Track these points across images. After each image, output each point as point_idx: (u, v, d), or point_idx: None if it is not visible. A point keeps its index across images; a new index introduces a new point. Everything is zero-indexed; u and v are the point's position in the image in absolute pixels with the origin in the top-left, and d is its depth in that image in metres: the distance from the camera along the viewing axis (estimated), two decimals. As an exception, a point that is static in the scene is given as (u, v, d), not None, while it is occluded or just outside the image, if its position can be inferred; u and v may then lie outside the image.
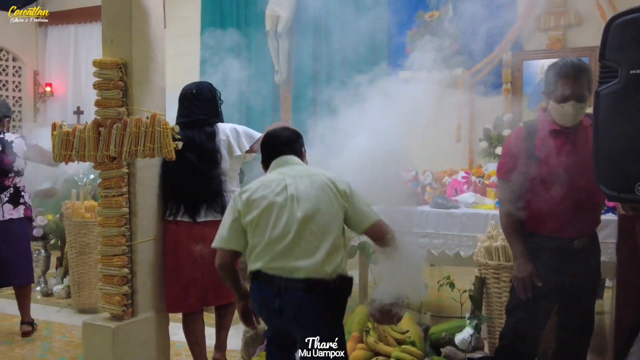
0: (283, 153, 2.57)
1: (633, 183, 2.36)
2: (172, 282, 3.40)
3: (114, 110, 3.08)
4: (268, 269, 2.33)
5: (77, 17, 9.03)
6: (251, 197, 2.41)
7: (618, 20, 2.44)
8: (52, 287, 5.40)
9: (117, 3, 3.15)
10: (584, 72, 2.60)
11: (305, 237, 2.31)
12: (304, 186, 2.38)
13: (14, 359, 3.84)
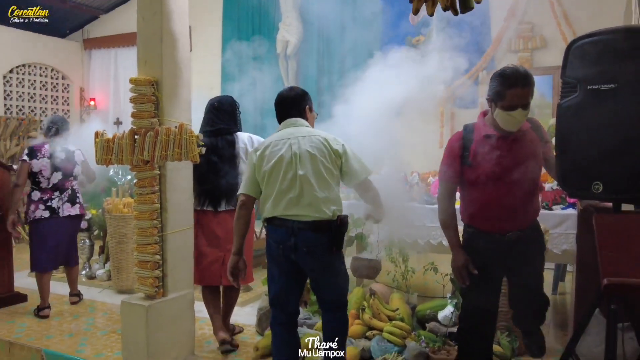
0: (290, 115, 2.77)
1: (590, 182, 2.37)
2: (199, 261, 3.52)
3: (147, 121, 3.10)
4: (282, 215, 2.55)
5: (116, 42, 9.07)
6: (264, 153, 2.64)
7: (576, 43, 2.45)
8: (95, 272, 5.42)
9: (150, 30, 3.17)
10: (530, 80, 2.42)
11: (307, 189, 2.52)
12: (304, 145, 2.58)
13: (64, 332, 3.84)
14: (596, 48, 2.36)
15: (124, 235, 4.76)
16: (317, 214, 2.51)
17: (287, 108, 2.79)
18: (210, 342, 3.64)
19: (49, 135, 4.42)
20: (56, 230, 4.32)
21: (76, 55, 9.31)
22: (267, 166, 2.60)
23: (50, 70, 9.12)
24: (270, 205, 2.59)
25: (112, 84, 9.22)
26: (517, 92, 2.34)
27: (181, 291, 3.27)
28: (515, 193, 2.43)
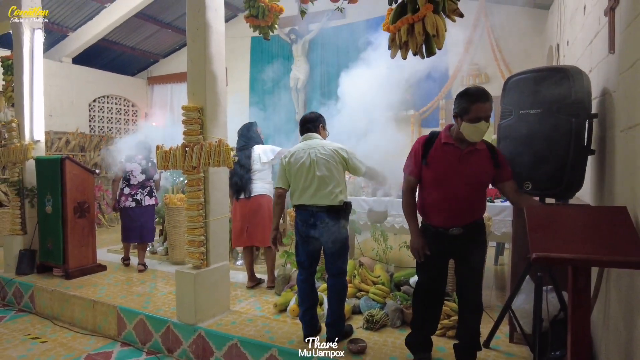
0: (308, 130, 2.92)
1: (522, 182, 2.37)
2: (235, 231, 3.95)
3: (195, 137, 3.11)
4: (305, 203, 2.74)
5: (172, 79, 9.10)
6: (290, 160, 2.81)
7: (511, 79, 2.46)
8: (156, 248, 5.42)
9: (197, 69, 3.18)
10: (489, 96, 2.17)
11: (322, 185, 2.70)
12: (320, 154, 2.75)
13: (133, 293, 3.83)
14: (526, 82, 2.37)
15: (177, 222, 4.77)
16: (329, 202, 2.68)
17: (306, 125, 2.93)
18: (241, 301, 3.62)
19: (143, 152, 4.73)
20: (140, 216, 4.59)
21: (142, 89, 9.35)
22: (293, 169, 2.78)
23: (123, 100, 9.13)
24: (297, 196, 2.79)
25: (168, 111, 9.23)
26: (480, 106, 2.11)
27: (219, 263, 3.28)
28: (459, 196, 2.22)
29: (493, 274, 4.45)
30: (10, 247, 4.56)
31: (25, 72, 4.61)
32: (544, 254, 1.57)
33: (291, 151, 2.86)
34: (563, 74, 2.18)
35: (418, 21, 2.21)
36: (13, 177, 4.66)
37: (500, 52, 6.31)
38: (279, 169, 2.89)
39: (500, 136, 2.49)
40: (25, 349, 3.27)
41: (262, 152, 3.91)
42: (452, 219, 2.27)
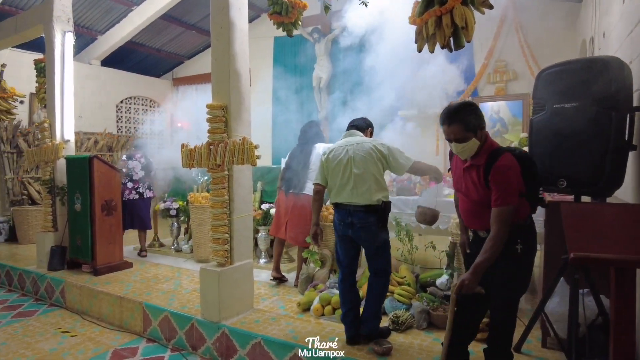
0: (350, 128, 2.88)
1: (556, 179, 2.27)
2: (275, 221, 4.02)
3: (219, 136, 3.11)
4: (343, 201, 2.66)
5: (196, 80, 9.20)
6: (328, 157, 2.76)
7: (545, 72, 2.36)
8: (181, 246, 5.46)
9: (221, 68, 3.18)
10: (450, 120, 2.00)
11: (360, 183, 2.61)
12: (357, 150, 2.67)
13: (159, 290, 3.87)
14: (560, 75, 2.27)
15: (202, 220, 4.81)
16: (367, 201, 2.59)
17: (353, 123, 2.92)
18: (265, 299, 3.61)
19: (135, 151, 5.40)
20: (142, 207, 5.11)
21: (168, 90, 9.50)
22: (331, 166, 2.73)
23: (149, 101, 9.31)
24: (334, 194, 2.73)
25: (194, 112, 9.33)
26: (444, 129, 2.04)
27: (243, 261, 3.27)
28: (464, 207, 2.18)
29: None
30: (43, 244, 4.69)
31: (57, 74, 4.74)
32: (583, 254, 1.48)
33: (331, 147, 2.81)
34: (602, 65, 2.07)
35: (446, 13, 2.15)
36: (45, 175, 4.80)
37: (528, 47, 6.12)
38: (319, 166, 2.85)
39: (533, 132, 2.39)
40: (56, 342, 3.35)
41: (323, 151, 3.84)
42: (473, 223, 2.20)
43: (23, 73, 6.55)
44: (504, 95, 6.52)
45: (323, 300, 3.16)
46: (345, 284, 2.77)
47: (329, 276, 3.71)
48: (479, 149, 2.03)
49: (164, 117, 9.60)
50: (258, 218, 4.54)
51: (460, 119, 1.99)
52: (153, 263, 4.92)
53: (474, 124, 1.98)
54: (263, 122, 8.25)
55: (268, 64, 8.40)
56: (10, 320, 3.87)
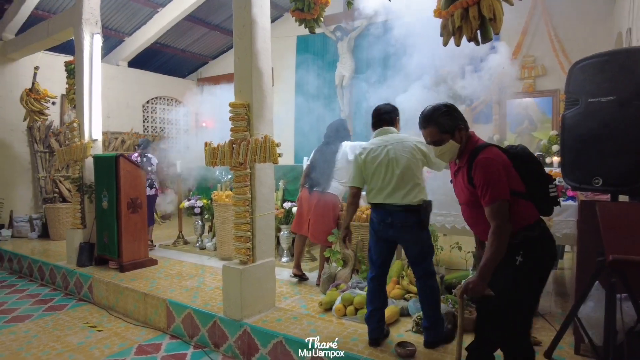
0: (384, 123, 2.77)
1: (590, 177, 2.16)
2: (297, 218, 4.01)
3: (242, 134, 3.11)
4: (382, 201, 2.59)
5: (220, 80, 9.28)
6: (367, 158, 2.67)
7: (579, 64, 2.24)
8: (205, 244, 5.52)
9: (243, 66, 3.18)
10: (425, 124, 1.96)
11: (401, 184, 2.56)
12: (399, 150, 2.61)
13: (182, 287, 3.91)
14: (595, 67, 2.15)
15: (226, 218, 4.84)
16: (408, 202, 2.54)
17: (382, 117, 2.79)
18: (287, 298, 3.60)
19: (140, 149, 5.59)
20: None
21: (192, 90, 9.63)
22: (371, 167, 2.65)
23: (174, 101, 9.46)
24: (373, 194, 2.65)
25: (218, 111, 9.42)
26: (422, 133, 2.01)
27: (266, 259, 3.26)
28: (464, 212, 2.03)
29: (552, 279, 4.15)
30: (72, 240, 4.82)
31: (85, 75, 4.86)
32: (622, 257, 1.39)
33: (366, 147, 2.73)
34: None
35: (473, 5, 2.08)
36: (74, 174, 4.93)
37: (559, 42, 5.91)
38: (354, 166, 2.76)
39: (565, 128, 2.28)
40: (84, 336, 3.43)
41: (351, 150, 3.80)
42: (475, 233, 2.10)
43: (55, 75, 6.75)
44: (532, 91, 6.32)
45: (345, 300, 3.12)
46: (374, 282, 2.71)
47: (351, 276, 3.66)
48: (461, 150, 1.94)
49: (189, 116, 9.75)
50: (280, 216, 4.53)
51: (434, 121, 1.94)
52: (177, 260, 4.98)
53: (449, 125, 1.91)
54: (286, 121, 8.27)
55: (291, 63, 8.40)
56: (42, 313, 3.98)
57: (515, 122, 6.48)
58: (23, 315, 3.91)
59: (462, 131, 1.92)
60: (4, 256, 5.79)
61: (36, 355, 3.10)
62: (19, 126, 6.81)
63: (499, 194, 1.76)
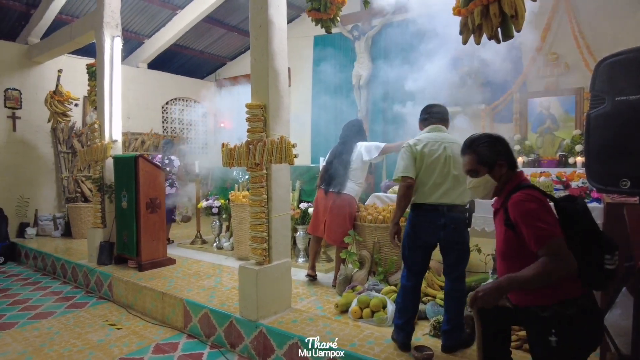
0: (436, 122, 2.71)
1: (617, 179, 2.07)
2: (314, 219, 3.98)
3: (258, 135, 3.11)
4: (436, 201, 2.50)
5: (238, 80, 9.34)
6: (424, 150, 2.56)
7: (606, 61, 2.15)
8: (222, 244, 5.55)
9: (260, 67, 3.18)
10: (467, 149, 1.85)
11: (456, 184, 2.51)
12: (455, 150, 2.53)
13: (199, 287, 3.93)
14: (624, 64, 2.06)
15: (243, 218, 4.85)
16: (460, 202, 2.51)
17: (437, 116, 2.72)
18: (302, 299, 3.58)
19: (163, 151, 5.90)
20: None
21: (210, 91, 9.70)
22: (427, 161, 2.54)
23: (193, 102, 9.56)
24: (425, 193, 2.54)
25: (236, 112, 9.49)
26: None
27: (282, 259, 3.25)
28: (499, 265, 1.80)
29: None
30: (93, 239, 4.91)
31: (106, 77, 4.94)
32: (653, 263, 1.32)
33: (421, 139, 2.60)
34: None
35: (493, 2, 2.02)
36: (95, 174, 5.02)
37: (583, 38, 5.73)
38: (406, 156, 2.57)
39: (590, 127, 2.19)
40: (104, 334, 3.48)
41: (366, 150, 3.79)
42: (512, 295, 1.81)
43: (78, 77, 6.90)
44: (555, 89, 6.15)
45: (361, 302, 3.08)
46: (413, 292, 2.61)
47: (368, 278, 3.62)
48: (499, 189, 1.76)
49: (208, 117, 9.85)
50: (296, 217, 4.52)
51: (473, 149, 1.80)
52: (195, 260, 5.02)
53: (488, 157, 1.74)
54: (302, 121, 8.26)
55: (308, 63, 8.39)
56: (64, 310, 4.07)
57: (536, 121, 6.32)
58: (46, 312, 4.01)
59: (503, 168, 1.74)
60: (29, 254, 5.95)
61: (58, 352, 3.16)
62: (43, 127, 6.99)
63: (551, 231, 1.49)
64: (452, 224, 2.48)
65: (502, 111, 6.26)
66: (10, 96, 6.67)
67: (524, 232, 1.55)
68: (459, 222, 2.49)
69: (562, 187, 3.61)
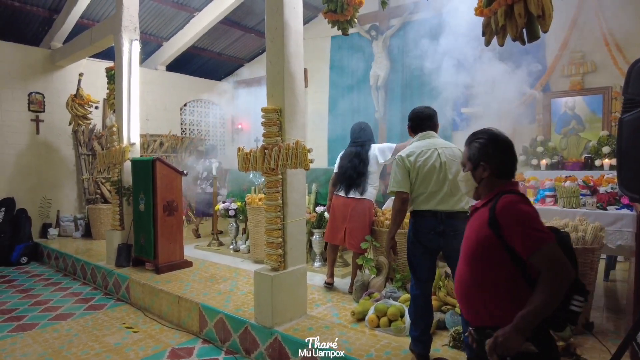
0: (426, 128, 2.66)
1: (652, 188, 1.94)
2: (332, 227, 3.86)
3: (273, 139, 3.07)
4: (433, 208, 2.45)
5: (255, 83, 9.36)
6: (417, 160, 2.52)
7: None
8: (239, 246, 5.53)
9: (275, 70, 3.14)
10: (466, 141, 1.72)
11: (454, 190, 2.44)
12: (449, 155, 2.51)
13: (215, 291, 3.92)
14: (661, 67, 1.93)
15: (259, 221, 4.83)
16: (459, 208, 2.45)
17: (426, 122, 2.67)
18: (318, 305, 3.53)
19: (205, 154, 6.41)
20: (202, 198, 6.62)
21: (228, 93, 9.75)
22: (422, 170, 2.50)
23: (211, 104, 9.61)
24: (421, 201, 2.50)
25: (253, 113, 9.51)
26: None
27: (297, 265, 3.20)
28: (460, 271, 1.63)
29: (603, 291, 3.86)
30: (111, 241, 4.97)
31: (124, 80, 4.99)
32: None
33: (412, 150, 2.57)
34: None
35: (518, 1, 1.92)
36: (113, 176, 5.08)
37: (611, 35, 5.51)
38: (398, 170, 2.54)
39: (623, 133, 2.07)
40: (121, 337, 3.50)
41: (380, 152, 3.74)
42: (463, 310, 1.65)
43: (99, 80, 6.99)
44: (580, 89, 5.94)
45: (379, 311, 3.01)
46: (422, 300, 2.54)
47: (385, 284, 3.54)
48: (479, 192, 1.63)
49: (226, 118, 9.89)
50: (312, 220, 4.47)
51: (469, 142, 1.68)
52: (212, 262, 5.03)
53: (475, 156, 1.61)
54: (319, 123, 8.20)
55: (325, 63, 8.33)
56: (83, 312, 4.12)
57: (561, 122, 6.12)
58: (66, 314, 4.06)
59: (485, 172, 1.58)
60: (51, 254, 6.07)
61: (76, 355, 3.19)
62: (65, 130, 7.13)
63: (547, 234, 1.38)
64: (452, 231, 2.40)
65: (525, 111, 6.08)
66: (34, 100, 6.82)
67: (512, 235, 1.40)
68: (459, 229, 2.36)
69: (589, 193, 3.46)
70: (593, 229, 2.82)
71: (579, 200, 3.42)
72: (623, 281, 4.24)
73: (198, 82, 9.23)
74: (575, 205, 3.39)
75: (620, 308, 3.44)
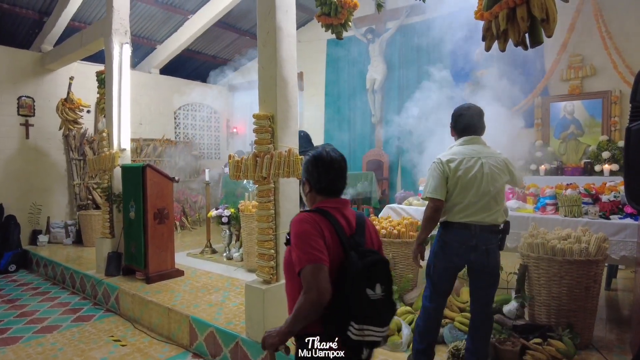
0: (473, 132, 2.40)
1: (660, 200, 1.84)
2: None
3: (265, 147, 2.96)
4: (466, 220, 2.26)
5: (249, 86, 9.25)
6: (458, 168, 2.30)
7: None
8: (232, 254, 5.42)
9: (267, 75, 3.03)
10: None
11: (491, 202, 2.27)
12: (493, 166, 2.30)
13: (208, 302, 3.81)
14: (670, 74, 1.84)
15: (252, 229, 4.71)
16: (495, 221, 2.29)
17: (471, 125, 2.40)
18: (312, 317, 3.41)
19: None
20: None
21: (223, 96, 9.64)
22: (462, 181, 2.28)
23: (206, 107, 9.49)
24: (457, 211, 2.29)
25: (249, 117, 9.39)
26: None
27: (290, 278, 3.09)
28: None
29: (605, 301, 3.76)
30: (101, 249, 4.84)
31: (115, 84, 4.87)
32: None
33: (454, 156, 2.34)
34: None
35: (521, 4, 1.82)
36: (103, 183, 4.95)
37: (611, 38, 5.44)
38: (437, 174, 2.32)
39: (630, 142, 1.97)
40: (108, 351, 3.37)
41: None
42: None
43: (90, 84, 6.86)
44: (579, 93, 5.88)
45: (375, 324, 2.89)
46: (436, 313, 2.44)
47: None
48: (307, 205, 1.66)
49: (220, 122, 9.78)
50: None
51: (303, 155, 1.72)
52: (204, 271, 4.90)
53: (302, 171, 1.66)
54: (315, 126, 8.09)
55: (321, 67, 8.24)
56: (69, 324, 3.99)
57: (559, 126, 6.06)
58: (52, 326, 3.93)
59: (305, 187, 1.63)
60: (40, 262, 5.93)
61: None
62: (56, 134, 6.99)
63: (315, 256, 1.39)
64: (484, 246, 2.25)
65: (523, 116, 6.01)
66: (23, 104, 6.69)
67: (293, 251, 1.46)
68: (492, 244, 2.27)
69: (591, 201, 3.36)
70: (596, 240, 2.73)
71: (581, 209, 3.32)
72: (625, 290, 4.14)
73: (192, 85, 9.11)
74: (577, 214, 3.29)
75: (623, 319, 3.34)
